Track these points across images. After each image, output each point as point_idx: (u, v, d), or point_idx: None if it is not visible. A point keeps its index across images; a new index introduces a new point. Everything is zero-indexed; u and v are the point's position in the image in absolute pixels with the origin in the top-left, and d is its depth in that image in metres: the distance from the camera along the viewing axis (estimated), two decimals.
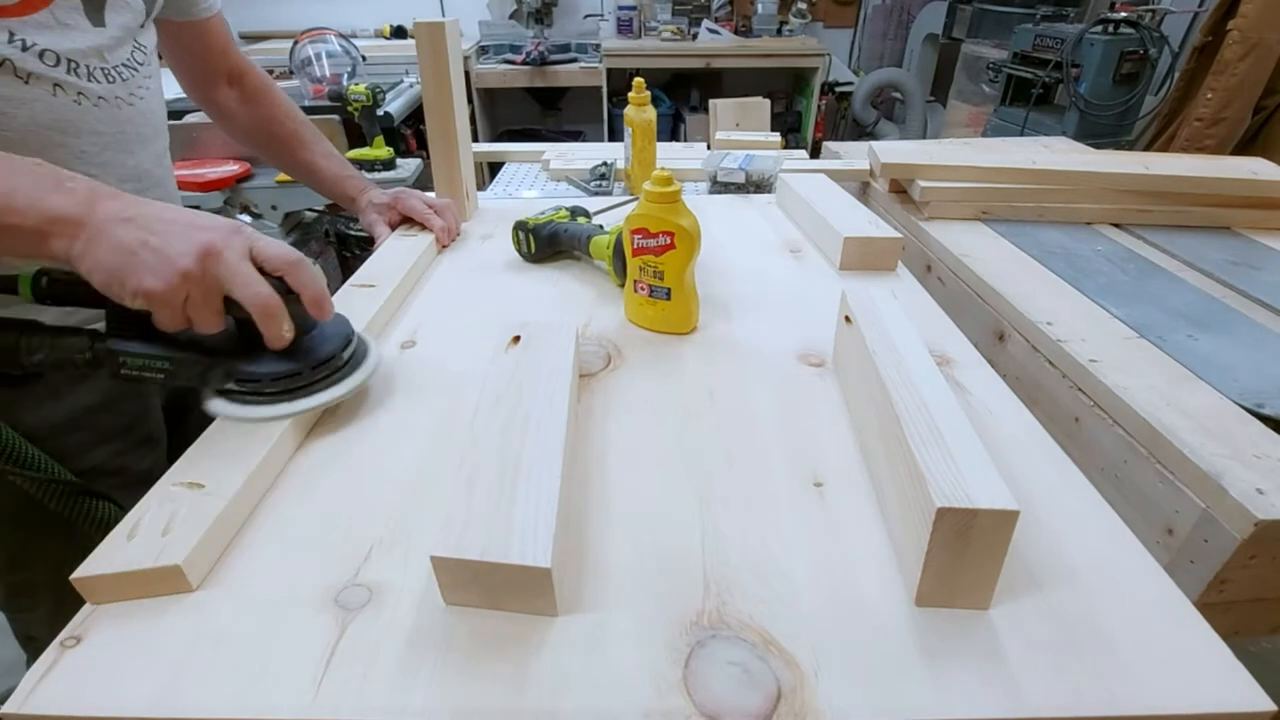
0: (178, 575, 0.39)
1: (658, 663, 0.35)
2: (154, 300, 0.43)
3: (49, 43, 0.55)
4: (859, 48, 3.89)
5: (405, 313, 0.72)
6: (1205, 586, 0.57)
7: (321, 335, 0.52)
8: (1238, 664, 0.35)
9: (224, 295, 0.45)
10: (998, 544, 0.36)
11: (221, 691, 0.35)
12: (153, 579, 0.39)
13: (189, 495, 0.43)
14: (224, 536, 0.43)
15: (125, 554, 0.39)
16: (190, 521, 0.41)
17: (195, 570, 0.40)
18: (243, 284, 0.44)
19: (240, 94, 0.85)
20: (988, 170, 1.07)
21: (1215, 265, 0.91)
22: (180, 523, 0.41)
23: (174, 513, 0.42)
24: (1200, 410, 0.63)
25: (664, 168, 0.62)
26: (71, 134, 0.58)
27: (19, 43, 0.53)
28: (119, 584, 0.39)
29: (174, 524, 0.41)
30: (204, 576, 0.41)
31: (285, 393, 0.50)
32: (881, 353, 0.50)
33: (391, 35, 3.28)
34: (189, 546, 0.40)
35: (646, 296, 0.67)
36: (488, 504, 0.39)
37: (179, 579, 0.39)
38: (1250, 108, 2.21)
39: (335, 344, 0.52)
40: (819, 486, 0.48)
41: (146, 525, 0.41)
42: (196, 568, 0.40)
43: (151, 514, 0.42)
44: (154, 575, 0.39)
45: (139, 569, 0.39)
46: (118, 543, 0.40)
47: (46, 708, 0.34)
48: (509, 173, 1.38)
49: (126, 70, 0.63)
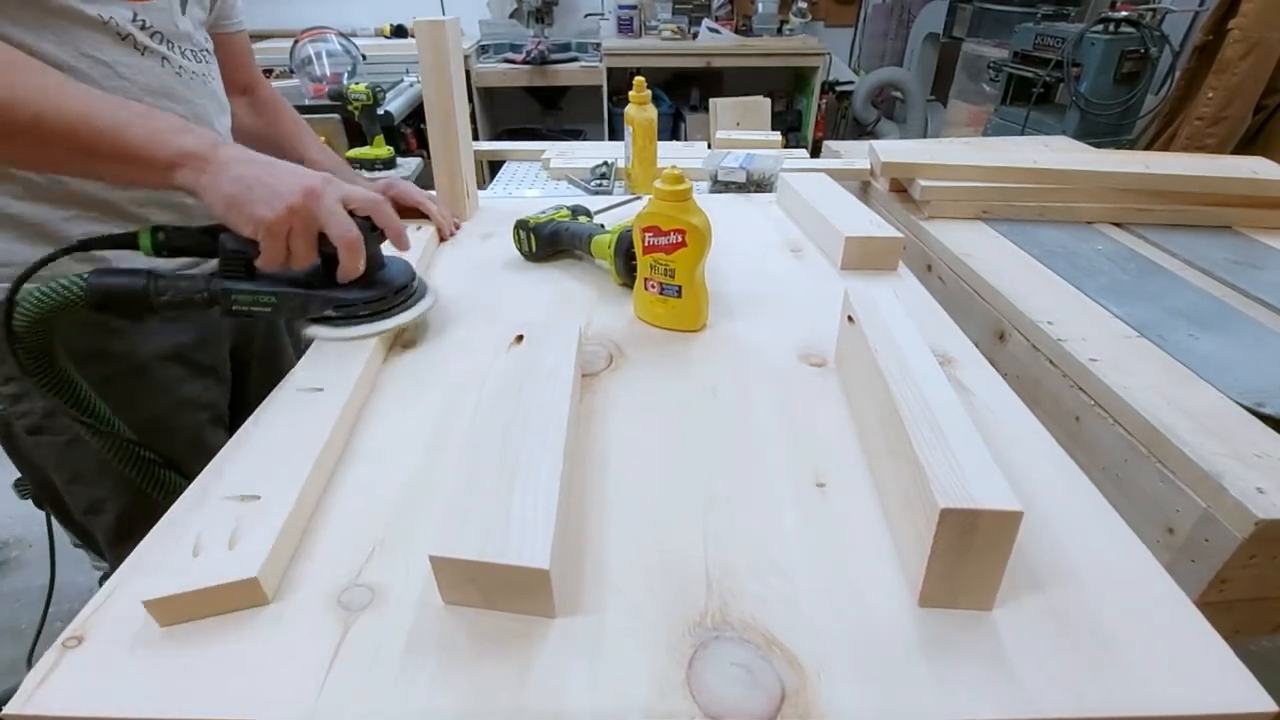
0: (254, 588, 0.38)
1: (660, 663, 0.35)
2: (264, 228, 0.51)
3: (159, 24, 0.66)
4: (859, 47, 3.88)
5: None
6: (1206, 586, 0.57)
7: (391, 270, 0.63)
8: (1238, 663, 0.35)
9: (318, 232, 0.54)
10: (1001, 544, 0.36)
11: (224, 692, 0.34)
12: (227, 594, 0.38)
13: (243, 508, 0.42)
14: (290, 544, 0.42)
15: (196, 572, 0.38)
16: (254, 534, 0.40)
17: (269, 582, 0.39)
18: (335, 222, 0.54)
19: (250, 102, 0.90)
20: (988, 170, 1.07)
21: (1216, 264, 0.91)
22: (244, 536, 0.40)
23: (235, 527, 0.41)
24: (1201, 409, 0.63)
25: (675, 166, 0.62)
26: (173, 100, 0.68)
27: (140, 21, 0.64)
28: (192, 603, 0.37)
29: (239, 537, 0.40)
30: (276, 588, 0.40)
31: (374, 315, 0.61)
32: (884, 352, 0.50)
33: (392, 34, 3.28)
34: (261, 558, 0.39)
35: (657, 294, 0.67)
36: (487, 504, 0.39)
37: (255, 592, 0.38)
38: (1251, 107, 2.21)
39: (406, 276, 0.63)
40: (821, 486, 0.48)
41: (208, 540, 0.40)
42: (270, 580, 0.39)
43: (208, 530, 0.40)
44: (230, 591, 0.38)
45: (215, 585, 0.37)
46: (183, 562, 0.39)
47: (48, 708, 0.34)
48: (509, 171, 1.38)
49: (206, 55, 0.75)
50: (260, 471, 0.46)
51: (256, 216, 0.51)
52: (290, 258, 0.54)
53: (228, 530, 0.40)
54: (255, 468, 0.46)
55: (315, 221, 0.53)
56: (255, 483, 0.44)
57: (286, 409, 0.53)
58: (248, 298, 0.56)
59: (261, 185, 0.52)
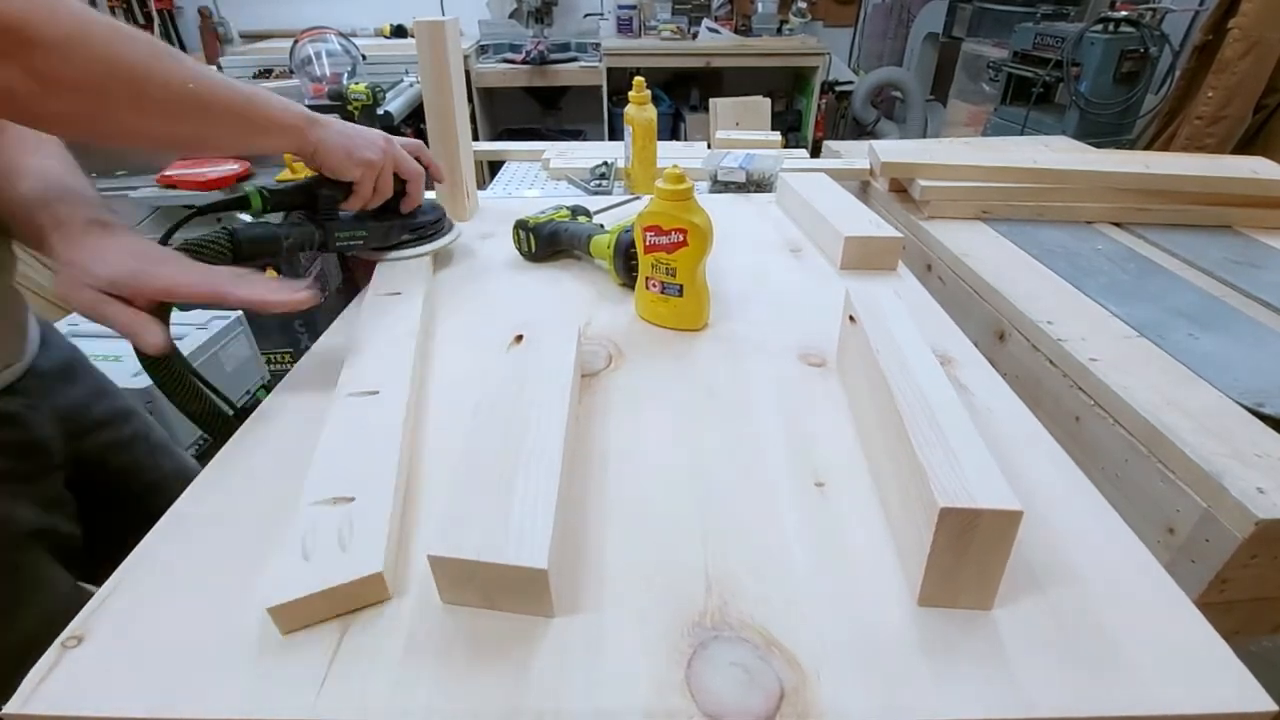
0: (379, 584, 0.38)
1: (659, 663, 0.35)
2: (369, 167, 0.65)
3: None
4: (859, 47, 3.89)
5: None
6: (1206, 586, 0.57)
7: (428, 204, 0.77)
8: (1238, 663, 0.35)
9: None
10: (1001, 544, 0.36)
11: (224, 693, 0.34)
12: (354, 592, 0.38)
13: (339, 510, 0.42)
14: (396, 539, 0.42)
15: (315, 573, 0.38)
16: (363, 531, 0.40)
17: (390, 576, 0.39)
18: (406, 161, 0.69)
19: None
20: (988, 170, 1.07)
21: (1216, 264, 0.91)
22: (353, 535, 0.40)
23: (339, 527, 0.40)
24: (1201, 409, 0.63)
25: (676, 165, 0.62)
26: None
27: None
28: (317, 605, 0.37)
29: (348, 537, 0.40)
30: (393, 583, 0.40)
31: (432, 235, 0.77)
32: (885, 352, 0.50)
33: (391, 34, 3.28)
34: (380, 553, 0.39)
35: (658, 293, 0.67)
36: (486, 503, 0.39)
37: (379, 587, 0.38)
38: (1251, 106, 2.21)
39: (439, 209, 0.79)
40: (821, 486, 0.48)
41: (316, 544, 0.39)
42: (390, 574, 0.39)
43: (311, 534, 0.40)
44: (355, 588, 0.38)
45: (339, 584, 0.37)
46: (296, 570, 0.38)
47: (47, 708, 0.34)
48: (509, 172, 1.38)
49: None
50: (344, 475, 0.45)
51: (365, 159, 0.64)
52: (375, 194, 0.67)
53: (333, 531, 0.40)
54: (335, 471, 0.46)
55: (393, 162, 0.67)
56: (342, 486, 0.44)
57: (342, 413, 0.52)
58: (347, 234, 0.69)
59: (359, 136, 0.64)
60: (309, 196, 0.67)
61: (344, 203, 0.67)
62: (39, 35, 0.41)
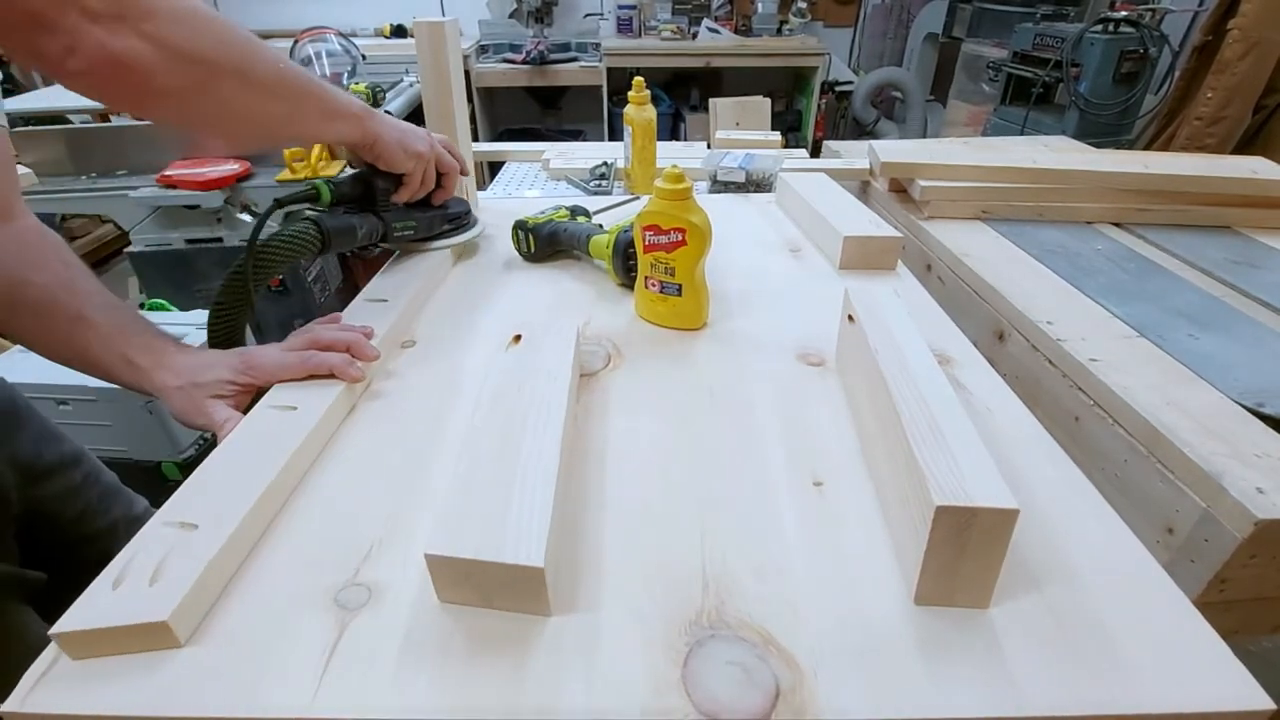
0: (164, 632, 0.35)
1: (656, 662, 0.35)
2: (419, 159, 0.69)
3: None
4: (859, 47, 3.89)
5: None
6: (1205, 586, 0.57)
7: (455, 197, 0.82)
8: (1238, 663, 0.35)
9: None
10: (997, 543, 0.36)
11: (221, 691, 0.34)
12: (135, 636, 0.35)
13: (179, 535, 0.39)
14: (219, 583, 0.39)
15: (115, 606, 0.35)
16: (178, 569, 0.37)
17: (183, 625, 0.36)
18: (444, 155, 0.73)
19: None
20: (988, 170, 1.07)
21: (1215, 264, 0.91)
22: (166, 570, 0.37)
23: (165, 556, 0.38)
24: (1200, 409, 0.63)
25: (675, 165, 0.62)
26: None
27: None
28: (100, 640, 0.35)
29: (163, 571, 0.37)
30: (193, 629, 0.37)
31: (465, 226, 0.83)
32: (884, 351, 0.50)
33: (391, 34, 3.28)
34: (177, 597, 0.36)
35: (658, 293, 0.67)
36: (483, 502, 0.39)
37: (165, 636, 0.35)
38: (1250, 107, 2.21)
39: (464, 201, 0.84)
40: (819, 485, 0.48)
41: (130, 571, 0.37)
42: (184, 623, 0.36)
43: (137, 559, 0.38)
44: (137, 633, 0.35)
45: (122, 625, 0.35)
46: (101, 598, 0.36)
47: (45, 707, 0.34)
48: (509, 172, 1.38)
49: None
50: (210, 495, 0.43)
51: (417, 151, 0.68)
52: (422, 185, 0.72)
53: (154, 562, 0.38)
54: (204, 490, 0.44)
55: (436, 156, 0.71)
56: (194, 510, 0.41)
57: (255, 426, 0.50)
58: (401, 225, 0.73)
59: (409, 129, 0.68)
60: (366, 188, 0.69)
61: (394, 194, 0.70)
62: (158, 2, 0.43)
